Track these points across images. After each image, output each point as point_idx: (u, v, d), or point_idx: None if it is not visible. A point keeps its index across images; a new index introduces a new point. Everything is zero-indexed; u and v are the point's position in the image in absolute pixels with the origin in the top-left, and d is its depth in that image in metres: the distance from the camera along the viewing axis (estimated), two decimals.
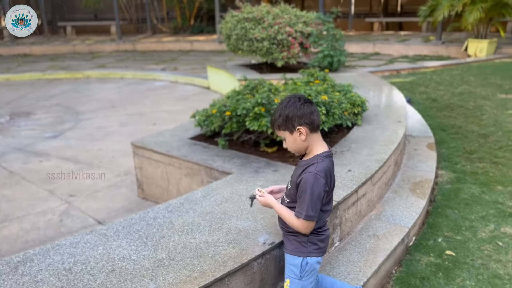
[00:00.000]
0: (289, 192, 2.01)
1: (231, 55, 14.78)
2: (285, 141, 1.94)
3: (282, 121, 1.87)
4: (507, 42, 12.22)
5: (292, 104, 1.85)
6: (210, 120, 3.70)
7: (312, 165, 1.85)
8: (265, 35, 7.16)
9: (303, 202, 1.84)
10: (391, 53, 13.35)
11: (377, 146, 3.62)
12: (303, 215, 1.85)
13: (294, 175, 1.98)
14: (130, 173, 4.74)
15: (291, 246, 2.01)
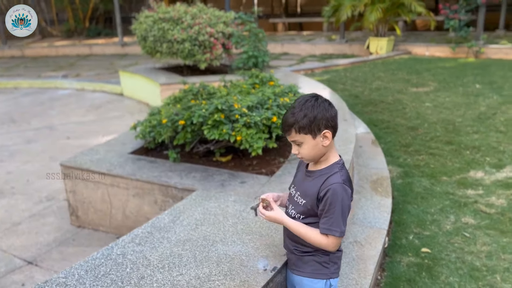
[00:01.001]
0: (303, 207, 1.72)
1: (137, 58, 13.99)
2: (299, 146, 1.65)
3: (307, 123, 1.59)
4: (401, 40, 13.24)
5: (320, 105, 1.61)
6: (157, 131, 3.28)
7: (334, 175, 1.63)
8: (185, 36, 6.78)
9: (332, 217, 1.61)
10: (299, 53, 13.70)
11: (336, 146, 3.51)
12: (336, 231, 1.61)
13: (308, 187, 1.71)
14: (55, 198, 4.09)
15: (308, 268, 1.77)
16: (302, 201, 1.73)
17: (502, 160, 4.29)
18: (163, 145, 3.63)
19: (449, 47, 11.41)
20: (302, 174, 1.79)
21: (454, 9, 11.54)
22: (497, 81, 7.84)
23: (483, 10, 11.32)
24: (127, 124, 6.47)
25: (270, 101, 3.20)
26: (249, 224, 2.38)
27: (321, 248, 1.68)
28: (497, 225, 3.18)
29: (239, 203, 2.62)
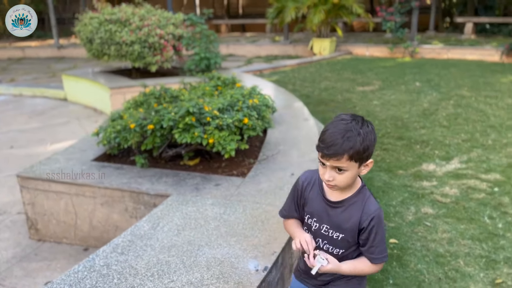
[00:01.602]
0: (342, 242, 1.57)
1: (75, 61, 13.39)
2: (340, 173, 1.44)
3: (363, 150, 1.40)
4: (342, 41, 13.75)
5: (373, 131, 1.44)
6: (123, 136, 3.18)
7: (369, 200, 1.53)
8: (134, 38, 6.59)
9: (381, 244, 1.53)
10: (244, 54, 13.79)
11: (302, 146, 3.61)
12: (386, 256, 1.55)
13: (341, 219, 1.54)
14: (6, 212, 3.82)
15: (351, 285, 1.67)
16: (338, 235, 1.56)
17: (449, 153, 4.61)
18: (127, 151, 3.53)
19: (387, 48, 12.02)
20: (320, 204, 1.59)
21: (390, 12, 12.17)
22: (434, 79, 8.39)
23: (416, 13, 12.05)
24: (75, 131, 6.22)
25: (240, 103, 3.21)
26: (232, 226, 2.38)
27: (371, 273, 1.65)
28: (453, 213, 3.42)
29: (218, 206, 2.62)
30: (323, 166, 1.47)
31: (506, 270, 2.72)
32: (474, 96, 6.90)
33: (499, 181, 3.88)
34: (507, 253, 2.89)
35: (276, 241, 2.24)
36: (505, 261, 2.81)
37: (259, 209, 2.57)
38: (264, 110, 3.37)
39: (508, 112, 5.98)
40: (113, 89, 6.42)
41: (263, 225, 2.40)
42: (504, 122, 5.52)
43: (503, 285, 2.59)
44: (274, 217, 2.48)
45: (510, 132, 5.16)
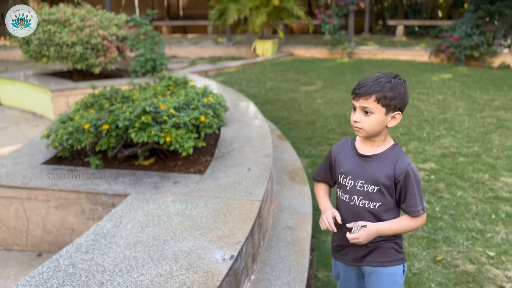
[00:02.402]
0: (376, 195, 1.61)
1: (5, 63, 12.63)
2: (366, 115, 1.55)
3: (391, 96, 1.53)
4: (284, 42, 14.10)
5: (406, 87, 1.58)
6: (76, 138, 3.13)
7: (402, 155, 1.61)
8: (76, 39, 6.40)
9: (416, 196, 1.58)
10: (187, 56, 13.73)
11: (255, 142, 3.73)
12: (424, 208, 1.60)
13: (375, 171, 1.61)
14: None
15: (387, 256, 1.68)
16: (373, 188, 1.61)
17: None
18: (80, 153, 3.46)
19: (327, 49, 12.51)
20: (355, 161, 1.66)
21: (328, 14, 12.68)
22: None
23: (352, 16, 12.65)
24: (14, 136, 5.93)
25: (195, 101, 3.27)
26: (195, 221, 2.44)
27: (416, 228, 1.67)
28: None
29: (179, 202, 2.66)
30: (354, 110, 1.59)
31: (445, 248, 3.00)
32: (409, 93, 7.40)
33: (434, 170, 4.23)
34: (445, 233, 3.18)
35: (240, 232, 2.33)
36: (443, 240, 3.09)
37: (220, 203, 2.65)
38: (219, 108, 3.45)
39: (439, 107, 6.49)
40: (54, 92, 6.19)
41: (225, 217, 2.48)
42: (436, 116, 5.99)
43: (443, 261, 2.86)
44: (235, 209, 2.57)
45: (442, 125, 5.62)
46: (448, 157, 4.52)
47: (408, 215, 1.61)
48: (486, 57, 10.62)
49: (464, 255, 2.91)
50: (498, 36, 11.00)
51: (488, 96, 7.13)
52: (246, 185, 2.91)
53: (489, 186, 3.85)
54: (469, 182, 3.95)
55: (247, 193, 2.79)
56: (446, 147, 4.81)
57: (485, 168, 4.23)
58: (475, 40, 10.36)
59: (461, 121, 5.76)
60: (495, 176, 4.05)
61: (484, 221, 3.32)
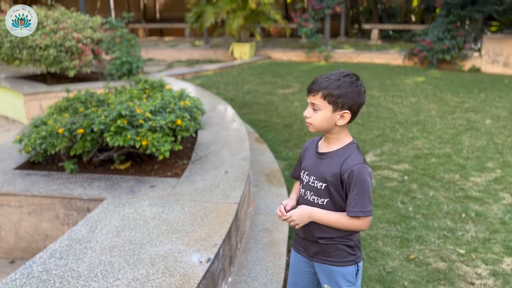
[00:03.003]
0: (325, 190, 1.66)
1: None
2: (315, 111, 1.62)
3: (337, 94, 1.56)
4: (261, 46, 14.16)
5: (356, 87, 1.58)
6: (49, 142, 3.08)
7: (352, 155, 1.62)
8: (49, 42, 6.29)
9: (359, 197, 1.57)
10: (164, 58, 13.63)
11: (232, 145, 3.75)
12: (365, 212, 1.58)
13: (325, 169, 1.65)
14: None
15: (338, 256, 1.71)
16: (321, 184, 1.66)
17: (365, 147, 5.03)
18: (54, 157, 3.41)
19: (303, 52, 12.63)
20: (313, 158, 1.72)
21: (305, 18, 12.81)
22: None
23: (328, 20, 12.82)
24: None
25: (172, 104, 3.27)
26: (172, 224, 2.45)
27: (354, 230, 1.66)
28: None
29: (156, 206, 2.66)
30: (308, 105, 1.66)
31: (418, 247, 3.08)
32: (383, 96, 7.56)
33: (408, 170, 4.34)
34: (417, 232, 3.27)
35: (217, 234, 2.35)
36: (416, 239, 3.18)
37: (197, 206, 2.66)
38: (196, 111, 3.45)
39: (412, 109, 6.65)
40: (27, 96, 6.07)
41: (202, 220, 2.49)
42: (409, 119, 6.13)
43: (416, 260, 2.93)
44: (212, 212, 2.58)
45: (415, 127, 5.76)
46: (421, 158, 4.64)
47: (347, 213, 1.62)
48: (457, 60, 10.92)
49: (435, 253, 2.99)
50: (468, 40, 11.33)
51: (459, 98, 7.34)
52: (223, 188, 2.92)
53: (460, 186, 3.97)
54: (441, 182, 4.06)
55: (224, 196, 2.81)
56: (419, 149, 4.94)
57: (455, 168, 4.36)
58: (446, 44, 10.64)
59: (433, 123, 5.92)
60: (465, 176, 4.18)
61: (455, 220, 3.42)
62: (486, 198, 3.74)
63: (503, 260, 2.90)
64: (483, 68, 10.62)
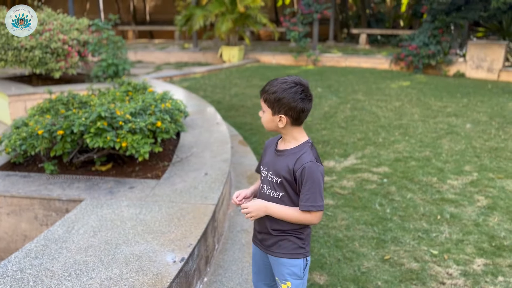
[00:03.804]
0: (279, 185, 1.76)
1: None
2: (264, 112, 1.75)
3: (271, 99, 1.68)
4: (250, 49, 14.24)
5: (292, 93, 1.66)
6: (29, 143, 3.10)
7: (305, 153, 1.71)
8: (35, 43, 6.29)
9: (311, 193, 1.67)
10: (153, 61, 13.65)
11: (214, 147, 3.79)
12: (315, 207, 1.68)
13: (280, 165, 1.75)
14: None
15: (288, 248, 1.80)
16: (276, 179, 1.76)
17: (347, 151, 5.11)
18: (34, 159, 3.43)
19: (292, 56, 12.73)
20: (271, 154, 1.83)
21: (293, 22, 12.92)
22: (334, 85, 9.11)
23: (317, 24, 12.94)
24: None
25: (152, 107, 3.31)
26: (149, 225, 2.48)
27: (306, 223, 1.75)
28: (350, 203, 3.84)
29: (133, 207, 2.69)
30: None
31: (393, 248, 3.15)
32: (368, 100, 7.66)
33: (387, 173, 4.41)
34: (393, 233, 3.34)
35: (192, 235, 2.39)
36: (392, 241, 3.24)
37: (174, 207, 2.70)
38: (177, 114, 3.50)
39: (395, 113, 6.75)
40: (11, 97, 6.05)
41: (179, 221, 2.53)
42: (392, 122, 6.23)
43: (391, 260, 3.00)
44: (189, 213, 2.62)
45: (397, 130, 5.85)
46: (401, 161, 4.72)
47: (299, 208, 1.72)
48: (443, 65, 11.08)
49: (409, 254, 3.06)
50: (453, 46, 11.52)
51: (441, 103, 7.46)
52: (202, 189, 2.97)
53: (437, 189, 4.06)
54: (419, 185, 4.14)
55: (202, 197, 2.85)
56: (399, 152, 5.02)
57: (434, 171, 4.45)
58: (432, 49, 10.80)
59: (415, 126, 6.02)
60: (443, 179, 4.27)
61: (430, 222, 3.50)
62: (462, 200, 3.83)
63: (474, 261, 2.98)
64: (468, 73, 10.80)
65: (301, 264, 1.81)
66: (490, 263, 2.94)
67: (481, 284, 2.73)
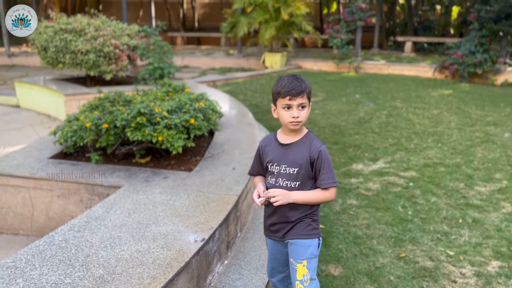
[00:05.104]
0: (297, 174, 1.96)
1: (26, 69, 13.27)
2: (302, 109, 1.92)
3: (310, 91, 1.94)
4: (293, 55, 14.47)
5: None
6: (79, 135, 3.49)
7: (314, 139, 1.98)
8: (90, 48, 6.85)
9: (328, 172, 1.93)
10: (199, 66, 14.18)
11: (244, 146, 4.04)
12: (334, 182, 1.95)
13: (295, 156, 1.96)
14: None
15: (306, 229, 2.01)
16: (293, 170, 1.96)
17: (377, 155, 5.20)
18: (83, 150, 3.82)
19: (334, 63, 12.82)
20: (277, 150, 2.02)
21: (336, 29, 13.01)
22: (373, 92, 9.14)
23: (359, 32, 12.96)
24: (29, 136, 6.35)
25: (187, 105, 3.61)
26: (177, 209, 2.76)
27: (326, 201, 2.00)
28: (373, 204, 3.96)
29: (165, 194, 2.99)
30: (288, 109, 1.91)
31: (410, 247, 3.26)
32: (405, 107, 7.66)
33: (414, 178, 4.48)
34: (412, 234, 3.43)
35: (214, 220, 2.64)
36: (410, 240, 3.35)
37: (201, 196, 2.97)
38: (210, 113, 3.78)
39: (431, 121, 6.73)
40: (67, 96, 6.62)
41: (204, 208, 2.80)
42: (427, 129, 6.23)
43: (406, 258, 3.11)
44: (214, 202, 2.88)
45: (431, 137, 5.86)
46: (429, 167, 4.77)
47: (319, 188, 1.96)
48: (490, 74, 10.78)
49: (425, 254, 3.16)
50: (502, 55, 11.17)
51: (482, 112, 7.33)
52: (228, 182, 3.22)
53: (462, 194, 4.09)
54: (444, 190, 4.19)
55: (227, 188, 3.10)
56: (430, 158, 5.06)
57: (462, 177, 4.47)
58: (478, 58, 10.55)
59: (450, 134, 5.99)
60: (470, 185, 4.28)
61: (451, 225, 3.56)
62: (487, 206, 3.85)
63: (490, 263, 3.03)
64: None
65: (316, 243, 2.04)
66: (506, 266, 2.99)
67: (492, 284, 2.79)
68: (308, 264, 2.01)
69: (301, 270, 2.02)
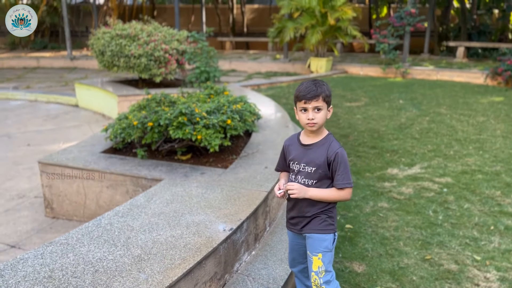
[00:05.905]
0: (315, 173, 2.11)
1: (86, 72, 14.19)
2: (318, 112, 2.04)
3: (329, 94, 2.06)
4: (339, 60, 14.48)
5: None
6: (127, 132, 3.84)
7: (333, 142, 2.11)
8: (142, 52, 7.32)
9: (344, 173, 2.06)
10: (246, 70, 14.53)
11: (278, 146, 4.24)
12: (350, 183, 2.07)
13: (314, 156, 2.10)
14: (25, 195, 4.46)
15: (322, 225, 2.16)
16: (311, 169, 2.11)
17: (413, 160, 5.22)
18: (131, 146, 4.18)
19: (380, 68, 12.71)
20: (299, 150, 2.18)
21: (383, 34, 12.90)
22: (418, 98, 9.03)
23: (408, 36, 12.77)
24: (85, 133, 6.90)
25: (225, 107, 3.87)
26: (210, 202, 3.01)
27: (340, 200, 2.13)
28: (404, 207, 4.02)
29: (201, 188, 3.25)
30: (304, 112, 2.07)
31: (436, 250, 3.31)
32: (450, 114, 7.53)
33: (449, 184, 4.48)
34: (440, 238, 3.48)
35: (243, 212, 2.86)
36: (437, 244, 3.40)
37: (233, 191, 3.20)
38: (247, 115, 4.01)
39: (476, 128, 6.59)
40: (120, 97, 7.12)
41: (235, 201, 3.02)
42: (469, 137, 6.13)
43: (431, 260, 3.17)
44: (244, 196, 3.10)
45: (472, 145, 5.77)
46: (467, 174, 4.73)
47: (335, 188, 2.10)
48: None
49: (451, 257, 3.20)
50: None
51: None
52: (260, 179, 3.43)
53: (498, 202, 4.05)
54: (479, 197, 4.16)
55: (258, 185, 3.31)
56: (468, 165, 5.00)
57: (500, 185, 4.41)
58: None
59: (493, 142, 5.86)
60: (507, 193, 4.22)
61: (482, 231, 3.56)
62: None
63: None
64: None
65: (331, 238, 2.17)
66: None
67: None
68: (323, 257, 2.16)
69: (317, 262, 2.18)
